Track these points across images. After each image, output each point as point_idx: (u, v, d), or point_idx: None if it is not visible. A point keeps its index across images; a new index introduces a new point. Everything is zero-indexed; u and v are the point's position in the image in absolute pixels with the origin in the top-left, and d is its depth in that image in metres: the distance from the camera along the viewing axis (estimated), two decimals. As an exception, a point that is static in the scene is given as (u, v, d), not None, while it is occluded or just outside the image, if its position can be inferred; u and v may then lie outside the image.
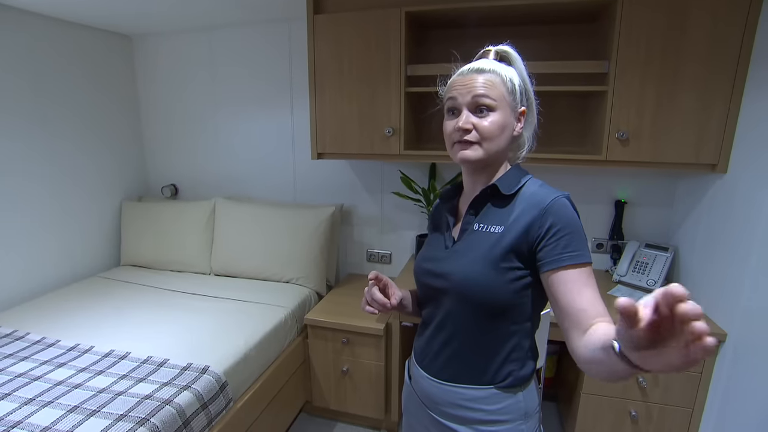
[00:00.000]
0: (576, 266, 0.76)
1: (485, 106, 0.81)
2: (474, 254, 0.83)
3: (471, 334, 0.85)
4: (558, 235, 0.77)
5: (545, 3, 1.61)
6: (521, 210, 0.81)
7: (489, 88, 0.82)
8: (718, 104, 1.53)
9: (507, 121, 0.83)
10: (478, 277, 0.81)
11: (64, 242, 2.30)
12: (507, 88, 0.83)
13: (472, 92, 0.82)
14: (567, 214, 0.78)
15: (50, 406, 1.27)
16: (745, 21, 1.45)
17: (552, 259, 0.77)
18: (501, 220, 0.83)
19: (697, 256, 1.74)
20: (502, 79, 0.83)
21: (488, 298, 0.81)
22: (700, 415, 1.58)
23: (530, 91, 0.88)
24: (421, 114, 2.12)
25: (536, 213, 0.79)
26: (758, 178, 1.40)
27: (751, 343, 1.36)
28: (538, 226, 0.78)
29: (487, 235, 0.83)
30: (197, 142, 2.64)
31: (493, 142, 0.83)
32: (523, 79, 0.86)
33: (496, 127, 0.82)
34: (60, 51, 2.22)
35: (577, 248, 0.76)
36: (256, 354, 1.72)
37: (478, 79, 0.83)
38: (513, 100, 0.84)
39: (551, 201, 0.79)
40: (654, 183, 1.98)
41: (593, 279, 0.77)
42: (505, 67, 0.85)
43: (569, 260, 0.76)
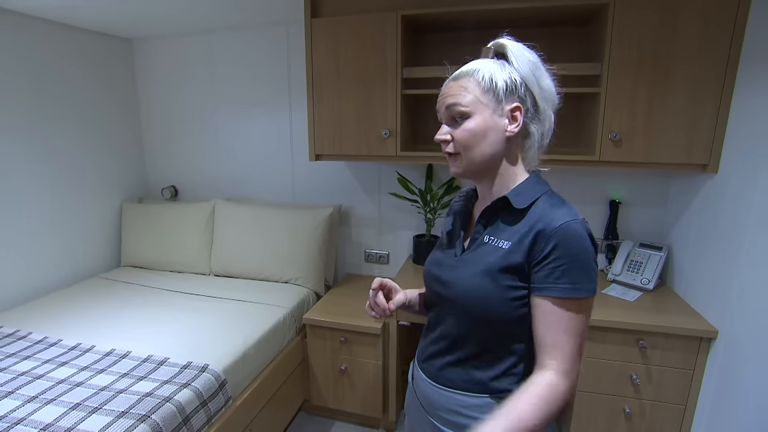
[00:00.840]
0: (562, 299, 0.73)
1: (458, 114, 0.79)
2: (478, 267, 0.80)
3: (470, 346, 0.83)
4: (555, 263, 0.73)
5: (539, 6, 1.63)
6: (529, 228, 0.76)
7: (459, 94, 0.78)
8: (708, 105, 1.56)
9: (487, 124, 0.78)
10: (478, 291, 0.79)
11: (66, 243, 2.33)
12: (482, 87, 0.78)
13: (444, 103, 0.81)
14: (572, 242, 0.73)
15: (53, 403, 1.29)
16: (734, 21, 1.48)
17: (541, 285, 0.75)
18: (510, 235, 0.79)
19: (690, 255, 1.76)
20: (476, 80, 0.78)
21: (487, 312, 0.79)
22: (693, 412, 1.60)
23: (534, 83, 0.79)
24: (418, 116, 2.15)
25: (541, 234, 0.74)
26: (747, 178, 1.42)
27: (742, 340, 1.39)
28: (540, 249, 0.74)
29: (494, 249, 0.80)
30: (197, 143, 2.66)
31: (473, 150, 0.79)
32: (521, 71, 0.79)
33: (470, 135, 0.78)
34: (60, 53, 2.24)
35: (572, 281, 0.72)
36: (255, 353, 1.74)
37: (451, 86, 0.81)
38: (493, 98, 0.78)
39: (559, 225, 0.73)
40: (647, 183, 2.01)
41: (577, 315, 0.74)
42: (488, 65, 0.80)
43: (557, 292, 0.73)
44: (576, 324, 0.74)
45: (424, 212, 2.19)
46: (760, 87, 1.39)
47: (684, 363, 1.58)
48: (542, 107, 0.81)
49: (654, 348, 1.59)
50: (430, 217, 2.19)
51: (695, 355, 1.57)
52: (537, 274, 0.75)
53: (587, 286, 0.73)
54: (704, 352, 1.55)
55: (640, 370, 1.62)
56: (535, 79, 0.79)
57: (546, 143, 0.84)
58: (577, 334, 0.74)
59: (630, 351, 1.62)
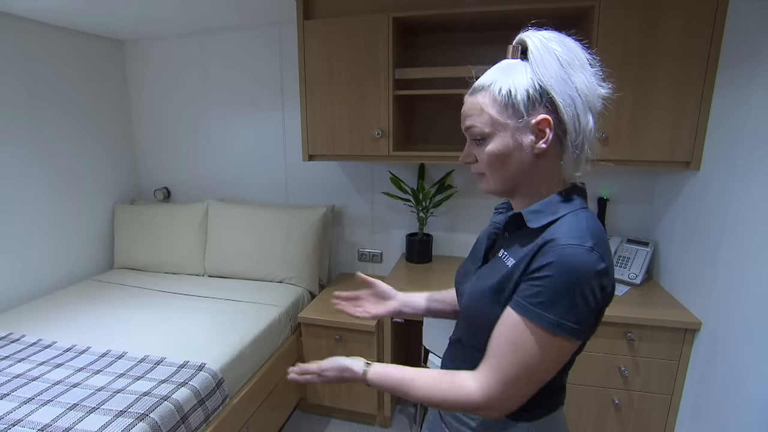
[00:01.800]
0: (524, 319, 0.65)
1: (478, 136, 0.72)
2: (487, 282, 0.74)
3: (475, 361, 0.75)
4: (538, 282, 0.64)
5: (527, 8, 1.67)
6: (534, 245, 0.68)
7: (476, 115, 0.71)
8: (690, 102, 1.61)
9: (507, 145, 0.69)
10: (480, 307, 0.75)
11: (60, 245, 2.32)
12: (500, 103, 0.68)
13: (463, 124, 0.75)
14: (568, 267, 0.62)
15: (50, 404, 1.30)
16: (713, 21, 1.53)
17: (517, 297, 0.67)
18: (518, 253, 0.71)
19: (675, 250, 1.82)
20: (492, 95, 0.69)
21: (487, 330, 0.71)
22: (679, 401, 1.65)
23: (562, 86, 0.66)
24: (410, 116, 2.18)
25: (542, 249, 0.66)
26: (727, 174, 1.48)
27: (723, 330, 1.44)
28: (534, 264, 0.66)
29: (502, 266, 0.73)
30: (189, 144, 2.66)
31: (498, 171, 0.72)
32: (544, 75, 0.66)
33: (492, 158, 0.71)
34: (54, 55, 2.24)
35: (540, 305, 0.63)
36: (251, 351, 1.75)
37: (467, 105, 0.73)
38: (513, 114, 0.68)
39: (562, 245, 0.64)
40: (634, 181, 2.06)
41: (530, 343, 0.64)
42: (508, 71, 0.70)
43: (522, 310, 0.65)
44: (526, 349, 0.65)
45: (417, 211, 2.22)
46: (737, 84, 1.44)
47: (670, 354, 1.63)
48: (575, 115, 0.67)
49: (641, 340, 1.64)
50: (422, 215, 2.22)
51: (680, 346, 1.62)
52: (520, 286, 0.68)
53: (556, 320, 0.63)
54: (689, 343, 1.60)
55: (628, 362, 1.67)
56: (564, 82, 0.66)
57: (587, 155, 0.71)
58: (520, 361, 0.65)
59: (618, 344, 1.66)
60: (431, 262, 2.27)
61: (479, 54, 2.03)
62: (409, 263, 2.27)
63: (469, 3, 1.73)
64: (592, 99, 0.69)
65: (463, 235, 2.33)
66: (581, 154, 0.70)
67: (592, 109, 0.69)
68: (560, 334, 0.63)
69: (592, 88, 0.68)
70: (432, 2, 1.78)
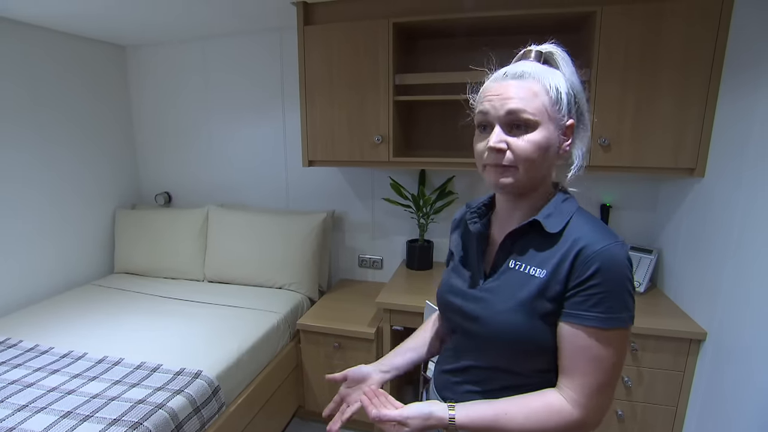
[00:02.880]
0: (593, 329, 0.66)
1: (522, 122, 0.68)
2: (512, 300, 0.72)
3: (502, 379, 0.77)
4: (593, 290, 0.66)
5: (528, 14, 1.66)
6: (565, 252, 0.69)
7: (528, 99, 0.68)
8: (694, 109, 1.59)
9: (550, 139, 0.69)
10: (515, 328, 0.71)
11: (61, 250, 2.32)
12: (551, 98, 0.69)
13: (506, 105, 0.68)
14: (613, 268, 0.66)
15: (43, 411, 1.28)
16: (717, 27, 1.51)
17: (572, 311, 0.68)
18: (543, 262, 0.71)
19: (680, 258, 1.79)
20: (544, 87, 0.69)
21: (527, 348, 0.72)
22: (684, 413, 1.62)
23: (582, 100, 0.73)
24: (410, 122, 2.17)
25: (581, 257, 0.67)
26: (732, 182, 1.45)
27: (729, 341, 1.41)
28: (578, 274, 0.67)
29: (526, 277, 0.72)
30: (190, 150, 2.67)
31: (533, 166, 0.69)
32: (573, 86, 0.71)
33: (535, 149, 0.68)
34: (56, 60, 2.25)
35: (607, 310, 0.66)
36: (248, 359, 1.74)
37: (514, 87, 0.69)
38: (558, 112, 0.69)
39: (601, 248, 0.66)
40: (637, 187, 2.04)
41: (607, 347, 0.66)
42: (551, 72, 0.71)
43: (589, 321, 0.66)
44: (604, 356, 0.67)
45: (417, 217, 2.21)
46: (742, 92, 1.42)
47: (674, 365, 1.60)
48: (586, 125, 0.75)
49: (645, 350, 1.61)
50: (423, 222, 2.21)
51: (685, 357, 1.58)
52: (571, 299, 0.68)
53: (622, 316, 0.67)
54: (694, 353, 1.57)
55: (632, 372, 1.64)
56: (582, 93, 0.73)
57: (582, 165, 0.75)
58: (604, 369, 0.67)
59: (621, 353, 1.63)
60: (432, 269, 2.25)
61: (480, 59, 2.01)
62: (409, 270, 2.25)
63: (470, 8, 1.72)
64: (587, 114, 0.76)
65: (465, 242, 2.31)
66: (583, 163, 0.75)
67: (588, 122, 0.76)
68: (623, 327, 0.67)
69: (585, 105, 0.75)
70: (432, 8, 1.77)
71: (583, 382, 0.68)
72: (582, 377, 0.68)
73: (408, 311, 1.82)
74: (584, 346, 0.67)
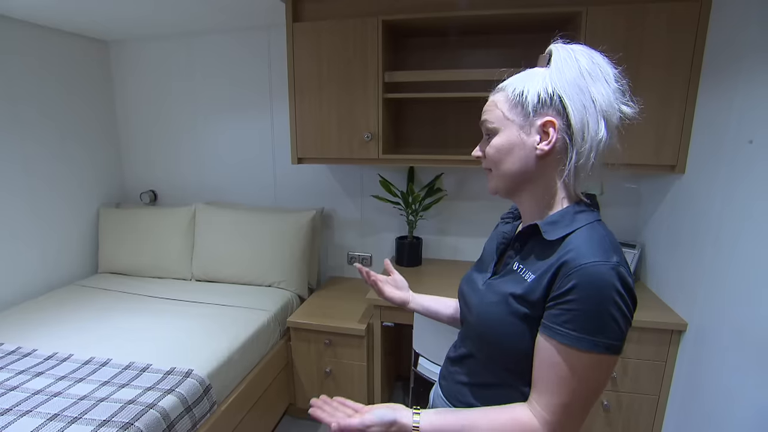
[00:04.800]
0: (563, 345, 0.65)
1: (488, 131, 0.78)
2: (500, 296, 0.75)
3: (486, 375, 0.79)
4: (568, 305, 0.65)
5: (516, 13, 1.68)
6: (553, 261, 0.68)
7: (489, 111, 0.77)
8: (675, 107, 1.63)
9: (511, 140, 0.73)
10: (490, 319, 0.75)
11: (40, 250, 2.26)
12: (510, 102, 0.74)
13: (481, 118, 0.80)
14: (592, 287, 0.63)
15: (29, 415, 1.26)
16: (696, 29, 1.56)
17: (547, 323, 0.67)
18: (537, 267, 0.71)
19: (662, 253, 1.84)
20: (506, 96, 0.75)
21: (501, 344, 0.74)
22: (666, 401, 1.67)
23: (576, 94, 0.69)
24: (399, 119, 2.18)
25: (563, 269, 0.66)
26: (711, 178, 1.50)
27: (708, 331, 1.46)
28: (558, 285, 0.66)
29: (519, 279, 0.73)
30: (176, 147, 2.63)
31: (499, 167, 0.76)
32: (559, 81, 0.69)
33: (494, 151, 0.76)
34: (33, 55, 2.18)
35: (580, 329, 0.64)
36: (239, 357, 1.73)
37: (488, 102, 0.80)
38: (520, 113, 0.72)
39: (584, 264, 0.64)
40: (621, 183, 2.09)
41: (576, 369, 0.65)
42: (528, 77, 0.74)
43: (559, 336, 0.65)
44: (570, 377, 0.65)
45: (406, 214, 2.22)
46: (720, 90, 1.47)
47: (657, 355, 1.65)
48: (585, 122, 0.68)
49: (629, 342, 1.66)
50: (412, 219, 2.22)
51: (667, 348, 1.64)
52: (548, 310, 0.68)
53: (596, 340, 0.63)
54: (675, 344, 1.63)
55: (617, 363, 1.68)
56: (579, 89, 0.69)
57: (592, 163, 0.70)
58: (571, 390, 0.65)
59: (606, 345, 1.68)
60: (421, 266, 2.27)
61: (469, 58, 2.04)
62: (398, 266, 2.26)
63: (459, 7, 1.74)
64: (608, 111, 0.70)
65: (453, 239, 2.34)
66: (585, 162, 0.70)
67: (608, 120, 0.70)
68: (593, 351, 0.64)
69: (609, 101, 0.70)
70: (422, 6, 1.78)
71: (550, 399, 0.67)
72: (549, 394, 0.67)
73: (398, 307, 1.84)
74: (554, 362, 0.66)
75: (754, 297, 1.25)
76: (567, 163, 0.71)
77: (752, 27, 1.32)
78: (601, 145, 0.70)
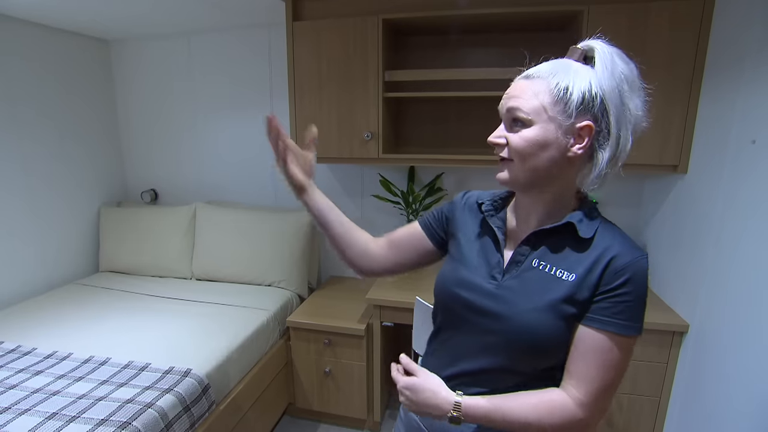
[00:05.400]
0: (614, 335, 0.69)
1: (519, 120, 0.70)
2: (539, 300, 0.72)
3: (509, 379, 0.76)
4: (620, 298, 0.69)
5: (517, 12, 1.67)
6: (596, 259, 0.70)
7: (526, 99, 0.70)
8: (677, 108, 1.62)
9: (548, 137, 0.69)
10: (541, 328, 0.71)
11: (40, 249, 2.26)
12: (553, 97, 0.68)
13: (507, 104, 0.72)
14: (641, 280, 0.69)
15: (28, 413, 1.26)
16: (699, 29, 1.55)
17: (597, 316, 0.70)
18: (572, 266, 0.72)
19: (664, 253, 1.83)
20: (548, 87, 0.69)
21: (548, 348, 0.73)
22: (667, 403, 1.66)
23: (616, 101, 0.68)
24: (399, 118, 2.17)
25: (613, 265, 0.69)
26: (713, 179, 1.49)
27: (709, 332, 1.45)
28: (607, 281, 0.69)
29: (552, 279, 0.72)
30: (177, 146, 2.63)
31: (527, 161, 0.70)
32: (604, 85, 0.67)
33: (526, 144, 0.70)
34: (34, 54, 2.19)
35: (629, 318, 0.69)
36: (238, 356, 1.73)
37: (520, 87, 0.72)
38: (562, 111, 0.68)
39: (632, 260, 0.69)
40: (623, 184, 2.07)
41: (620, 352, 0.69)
42: (571, 71, 0.69)
43: (613, 327, 0.69)
44: (617, 361, 0.70)
45: (407, 214, 2.21)
46: (722, 91, 1.46)
47: (658, 357, 1.64)
48: (618, 130, 0.69)
49: (630, 343, 1.64)
50: (412, 218, 2.21)
51: (668, 349, 1.62)
52: (597, 304, 0.70)
53: (638, 325, 0.70)
54: (676, 345, 1.61)
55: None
56: (620, 97, 0.68)
57: (614, 170, 0.72)
58: (614, 372, 0.70)
59: (607, 346, 1.66)
60: (421, 265, 2.25)
61: (470, 56, 2.02)
62: (399, 266, 2.25)
63: (459, 6, 1.73)
64: (637, 120, 0.70)
65: (454, 238, 2.32)
66: (610, 170, 0.71)
67: (635, 133, 0.71)
68: (638, 335, 0.70)
69: (639, 112, 0.70)
70: (422, 4, 1.78)
71: (591, 383, 0.70)
72: (590, 379, 0.70)
73: (398, 307, 1.83)
74: (600, 349, 0.69)
75: (755, 298, 1.24)
76: (593, 168, 0.71)
77: (755, 26, 1.31)
78: (625, 156, 0.71)
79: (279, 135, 0.88)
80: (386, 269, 0.97)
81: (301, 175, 0.92)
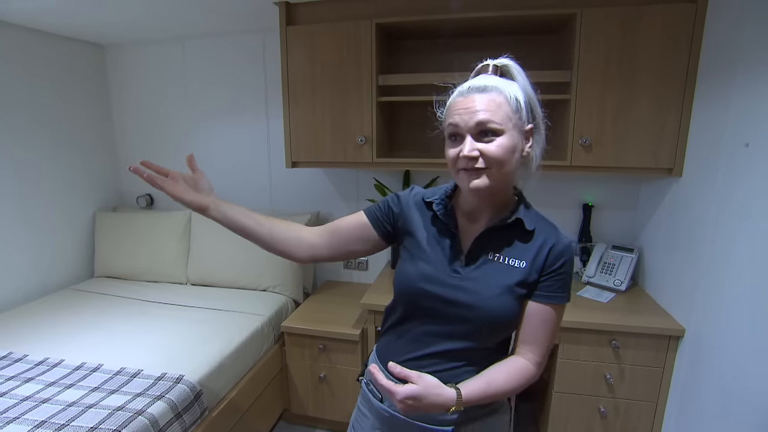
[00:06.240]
0: (558, 306, 0.85)
1: (491, 131, 0.76)
2: (498, 287, 0.83)
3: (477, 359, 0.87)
4: (560, 276, 0.84)
5: (511, 15, 1.67)
6: (540, 246, 0.84)
7: (493, 110, 0.76)
8: (671, 111, 1.62)
9: (516, 143, 0.78)
10: (504, 309, 0.83)
11: (34, 254, 2.25)
12: (512, 107, 0.77)
13: (474, 118, 0.76)
14: (572, 260, 0.86)
15: (16, 422, 1.24)
16: (692, 32, 1.54)
17: (545, 293, 0.84)
18: (521, 254, 0.84)
19: (659, 257, 1.82)
20: (506, 98, 0.77)
21: (509, 326, 0.87)
22: (664, 408, 1.65)
23: (537, 106, 0.83)
24: (393, 123, 2.16)
25: (554, 251, 0.84)
26: (707, 182, 1.48)
27: (705, 337, 1.44)
28: (550, 263, 0.84)
29: (507, 268, 0.84)
30: (173, 151, 2.62)
31: (503, 167, 0.78)
32: (528, 94, 0.81)
33: (505, 151, 0.76)
34: (27, 60, 2.18)
35: (566, 290, 0.86)
36: (232, 362, 1.71)
37: (480, 99, 0.77)
38: (519, 119, 0.78)
39: (566, 245, 0.85)
40: (619, 187, 2.07)
41: (559, 319, 0.87)
42: (509, 83, 0.79)
43: (557, 300, 0.85)
44: (557, 325, 0.87)
45: (403, 218, 2.20)
46: (716, 95, 1.45)
47: (655, 361, 1.62)
48: (540, 129, 0.85)
49: (626, 348, 1.63)
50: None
51: (665, 353, 1.61)
52: (543, 283, 0.84)
53: (569, 294, 0.87)
54: (673, 350, 1.60)
55: (614, 369, 1.66)
56: (535, 101, 0.83)
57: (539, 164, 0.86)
58: (555, 334, 0.88)
59: (603, 351, 1.66)
60: (417, 270, 2.24)
61: (463, 60, 2.01)
62: (394, 270, 2.24)
63: (452, 10, 1.73)
64: (542, 119, 0.84)
65: (450, 242, 2.31)
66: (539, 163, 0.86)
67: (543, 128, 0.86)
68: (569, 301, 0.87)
69: (540, 112, 0.84)
70: (415, 9, 1.77)
71: (542, 346, 0.86)
72: (541, 343, 0.86)
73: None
74: (547, 318, 0.85)
75: (751, 301, 1.23)
76: (530, 163, 0.85)
77: (748, 29, 1.30)
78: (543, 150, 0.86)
79: (151, 180, 0.94)
80: (327, 255, 1.00)
81: (193, 194, 0.97)
